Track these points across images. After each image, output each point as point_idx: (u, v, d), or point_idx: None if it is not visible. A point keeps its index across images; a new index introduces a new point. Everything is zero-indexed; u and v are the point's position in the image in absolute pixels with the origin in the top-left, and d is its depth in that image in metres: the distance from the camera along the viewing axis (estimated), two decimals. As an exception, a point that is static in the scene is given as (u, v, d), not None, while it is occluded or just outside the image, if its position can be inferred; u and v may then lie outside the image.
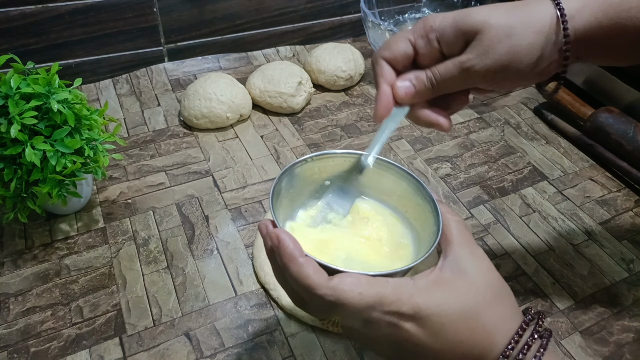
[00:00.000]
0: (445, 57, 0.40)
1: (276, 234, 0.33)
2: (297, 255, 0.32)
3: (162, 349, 0.49)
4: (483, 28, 0.37)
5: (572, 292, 0.56)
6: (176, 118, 0.77)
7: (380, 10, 0.90)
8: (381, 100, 0.40)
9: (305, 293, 0.32)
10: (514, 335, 0.33)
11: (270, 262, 0.36)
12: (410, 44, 0.40)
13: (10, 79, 0.50)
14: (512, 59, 0.38)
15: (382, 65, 0.41)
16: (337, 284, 0.31)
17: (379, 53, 0.41)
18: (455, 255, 0.35)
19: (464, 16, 0.38)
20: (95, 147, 0.56)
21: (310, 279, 0.31)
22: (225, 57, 0.90)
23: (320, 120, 0.78)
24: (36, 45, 0.77)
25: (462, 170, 0.71)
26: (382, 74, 0.40)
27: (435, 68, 0.40)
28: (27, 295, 0.53)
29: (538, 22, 0.38)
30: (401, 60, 0.40)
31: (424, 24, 0.39)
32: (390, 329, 0.32)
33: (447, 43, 0.39)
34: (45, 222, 0.60)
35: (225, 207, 0.64)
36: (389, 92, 0.40)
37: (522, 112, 0.82)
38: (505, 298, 0.35)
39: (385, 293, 0.31)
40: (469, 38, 0.38)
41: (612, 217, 0.65)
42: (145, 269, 0.56)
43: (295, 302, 0.35)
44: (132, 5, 0.80)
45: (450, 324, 0.32)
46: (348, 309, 0.31)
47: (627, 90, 0.74)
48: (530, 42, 0.38)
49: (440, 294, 0.33)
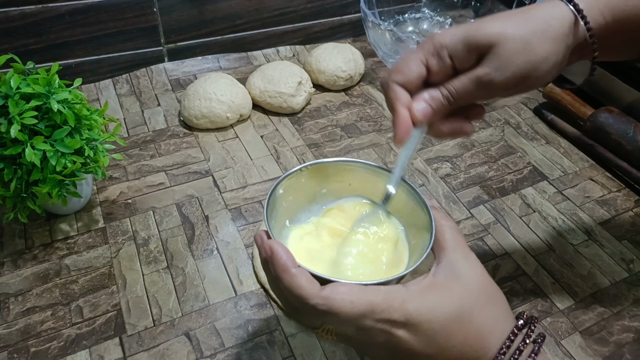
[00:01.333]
0: (457, 71, 0.40)
1: (270, 245, 0.33)
2: (290, 266, 0.32)
3: (162, 349, 0.49)
4: (498, 41, 0.37)
5: (572, 292, 0.56)
6: (176, 118, 0.77)
7: (380, 10, 0.90)
8: (400, 125, 0.39)
9: (298, 302, 0.32)
10: (505, 340, 0.33)
11: (264, 273, 0.36)
12: (422, 65, 0.39)
13: (10, 79, 0.50)
14: (531, 69, 0.38)
15: (396, 90, 0.40)
16: (329, 293, 0.31)
17: (392, 78, 0.40)
18: (449, 260, 0.35)
19: (475, 30, 0.38)
20: (95, 147, 0.56)
21: (302, 289, 0.32)
22: (225, 57, 0.90)
23: (320, 120, 0.78)
24: (36, 45, 0.77)
25: (462, 170, 0.71)
26: (398, 98, 0.40)
27: (450, 84, 0.39)
28: (27, 295, 0.53)
29: (554, 28, 0.38)
30: (415, 83, 0.40)
31: (433, 43, 0.39)
32: (383, 336, 0.32)
33: (459, 59, 0.39)
34: (45, 222, 0.60)
35: (225, 207, 0.64)
36: (407, 116, 0.39)
37: (522, 112, 0.82)
38: (498, 301, 0.35)
39: (376, 301, 0.32)
40: (482, 52, 0.38)
41: (612, 217, 0.65)
42: (145, 269, 0.56)
43: (288, 312, 0.36)
44: (132, 5, 0.80)
45: (443, 328, 0.32)
46: (340, 318, 0.31)
47: (627, 90, 0.74)
48: (548, 50, 0.38)
49: (433, 298, 0.33)
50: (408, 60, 0.40)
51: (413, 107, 0.40)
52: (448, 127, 0.41)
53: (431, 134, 0.42)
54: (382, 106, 0.82)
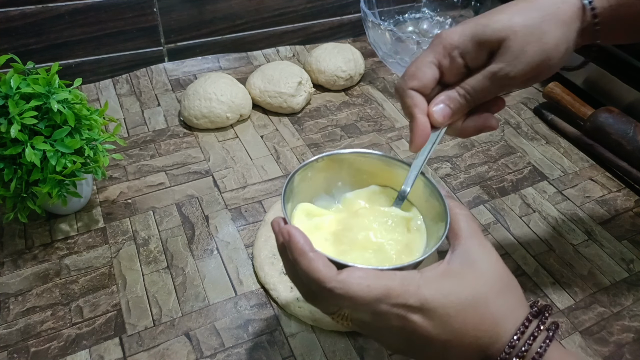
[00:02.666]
0: (470, 70, 0.40)
1: (287, 230, 0.33)
2: (307, 250, 0.33)
3: (162, 349, 0.49)
4: (507, 35, 0.37)
5: (572, 292, 0.56)
6: (176, 118, 0.77)
7: (380, 10, 0.90)
8: (418, 130, 0.39)
9: (315, 286, 0.33)
10: (520, 326, 0.33)
11: (281, 258, 0.36)
12: (435, 67, 0.40)
13: (10, 79, 0.50)
14: (545, 58, 0.38)
15: (412, 96, 0.40)
16: (346, 277, 0.32)
17: (406, 84, 0.40)
18: (464, 248, 0.35)
19: (483, 27, 0.38)
20: (95, 147, 0.56)
21: (319, 273, 0.32)
22: (225, 57, 0.90)
23: (320, 120, 0.78)
24: (36, 45, 0.77)
25: (462, 170, 0.71)
26: (415, 104, 0.40)
27: (466, 84, 0.39)
28: (27, 295, 0.53)
29: (561, 13, 0.38)
30: (430, 86, 0.40)
31: (444, 44, 0.39)
32: (399, 321, 0.33)
33: (471, 57, 0.39)
34: (45, 222, 0.60)
35: (225, 207, 0.64)
36: (426, 121, 0.40)
37: (522, 112, 0.82)
38: (513, 289, 0.35)
39: (392, 286, 0.32)
40: (493, 48, 0.38)
41: (612, 217, 0.65)
42: (145, 269, 0.56)
43: (305, 297, 0.36)
44: (132, 5, 0.80)
45: (458, 313, 0.32)
46: (356, 302, 0.32)
47: (627, 90, 0.74)
48: (557, 36, 0.38)
49: (448, 285, 0.33)
50: (421, 64, 0.40)
51: (432, 110, 0.40)
52: (472, 125, 0.41)
53: (456, 134, 0.42)
54: (382, 106, 0.82)
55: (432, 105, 0.40)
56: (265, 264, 0.55)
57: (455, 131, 0.42)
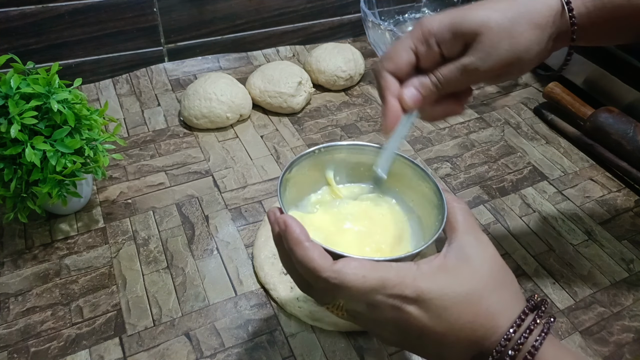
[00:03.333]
0: (445, 58, 0.40)
1: (283, 219, 0.34)
2: (303, 239, 0.33)
3: (162, 349, 0.49)
4: (482, 31, 0.38)
5: (572, 292, 0.56)
6: (176, 118, 0.77)
7: (380, 10, 0.90)
8: (389, 113, 0.41)
9: (310, 276, 0.33)
10: (516, 319, 0.33)
11: (277, 249, 0.37)
12: (412, 52, 0.40)
13: (10, 79, 0.50)
14: (515, 58, 0.39)
15: (386, 78, 0.41)
16: (342, 267, 0.32)
17: (383, 66, 0.41)
18: (460, 242, 0.35)
19: (461, 19, 0.39)
20: (95, 147, 0.56)
21: (315, 262, 0.32)
22: (225, 57, 0.90)
23: (320, 120, 0.78)
24: (36, 45, 0.77)
25: (462, 170, 0.71)
26: (388, 87, 0.41)
27: (438, 72, 0.40)
28: (27, 295, 0.53)
29: (539, 13, 0.39)
30: (405, 70, 0.41)
31: (422, 29, 0.40)
32: (394, 312, 0.33)
33: (447, 46, 0.40)
34: (45, 222, 0.60)
35: (225, 207, 0.64)
36: (396, 104, 0.41)
37: (522, 112, 0.82)
38: (509, 284, 0.35)
39: (388, 276, 0.32)
40: (468, 40, 0.39)
41: (612, 217, 0.65)
42: (145, 269, 0.56)
43: (300, 287, 0.36)
44: (132, 5, 0.80)
45: (453, 306, 0.32)
46: (351, 292, 0.32)
47: (627, 90, 0.74)
48: (530, 38, 0.39)
49: (443, 279, 0.33)
50: (398, 47, 0.41)
51: (403, 94, 0.41)
52: (439, 110, 0.43)
53: (424, 118, 0.43)
54: (382, 106, 0.82)
55: (404, 89, 0.41)
56: (265, 264, 0.55)
57: (424, 114, 0.43)
